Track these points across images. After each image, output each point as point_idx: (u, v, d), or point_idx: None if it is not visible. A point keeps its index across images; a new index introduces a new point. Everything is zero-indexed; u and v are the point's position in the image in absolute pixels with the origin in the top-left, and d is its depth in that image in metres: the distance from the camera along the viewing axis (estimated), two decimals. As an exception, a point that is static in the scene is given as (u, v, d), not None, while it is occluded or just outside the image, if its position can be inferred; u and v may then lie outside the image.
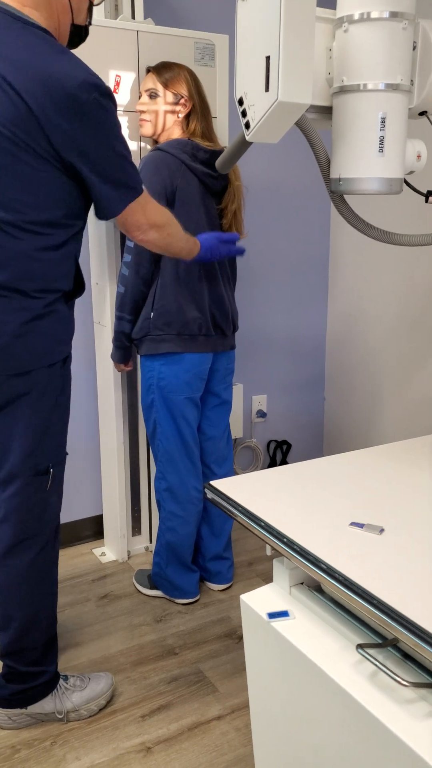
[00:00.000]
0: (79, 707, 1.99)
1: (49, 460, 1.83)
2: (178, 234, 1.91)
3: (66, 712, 1.98)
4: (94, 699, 2.02)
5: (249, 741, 1.92)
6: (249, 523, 1.30)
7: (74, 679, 2.03)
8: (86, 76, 1.54)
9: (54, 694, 1.98)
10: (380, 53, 1.30)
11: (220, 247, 2.18)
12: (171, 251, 1.96)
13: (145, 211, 1.75)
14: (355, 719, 1.07)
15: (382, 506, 1.33)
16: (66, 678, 2.03)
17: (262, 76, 1.27)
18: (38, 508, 1.84)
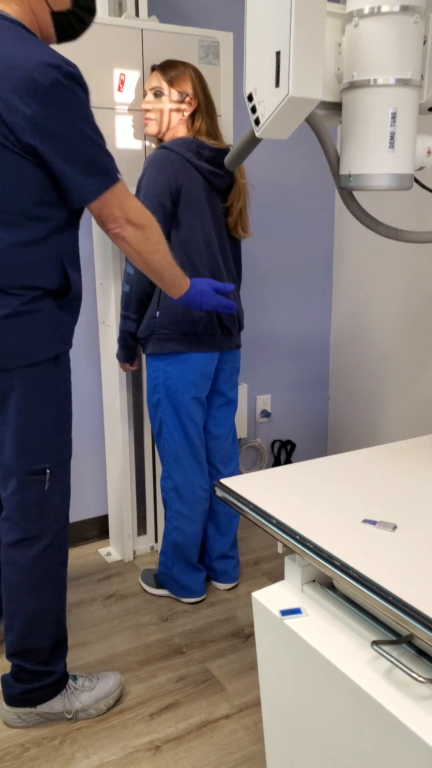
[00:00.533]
0: (87, 707, 1.99)
1: (46, 461, 1.81)
2: (160, 247, 1.78)
3: (75, 711, 1.98)
4: (103, 698, 2.02)
5: (258, 739, 1.92)
6: (261, 521, 1.29)
7: (83, 679, 2.03)
8: (48, 57, 1.48)
9: (63, 694, 1.98)
10: (391, 48, 1.29)
11: (211, 295, 2.01)
12: (150, 265, 1.79)
13: (122, 205, 1.66)
14: (370, 716, 1.07)
15: (394, 503, 1.33)
16: (75, 678, 2.02)
17: (272, 71, 1.27)
18: (38, 507, 1.83)
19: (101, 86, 2.28)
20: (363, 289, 3.27)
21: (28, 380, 1.73)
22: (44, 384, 1.76)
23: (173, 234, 2.25)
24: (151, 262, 1.78)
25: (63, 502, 1.90)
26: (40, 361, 1.73)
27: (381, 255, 3.13)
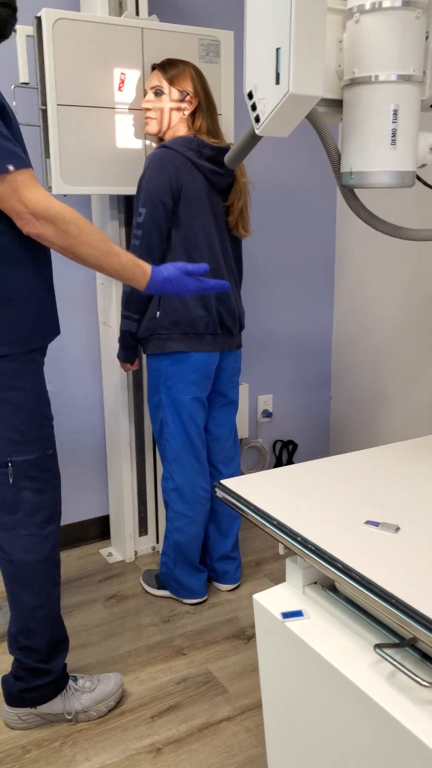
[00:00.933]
0: (88, 708, 1.98)
1: (4, 454, 1.78)
2: (85, 238, 1.64)
3: (75, 713, 1.97)
4: (103, 700, 2.01)
5: (259, 742, 1.90)
6: (261, 522, 1.28)
7: (83, 681, 2.02)
8: None
9: (63, 695, 1.97)
10: (392, 44, 1.28)
11: (186, 280, 1.78)
12: (84, 260, 1.67)
13: (21, 197, 1.56)
14: (373, 720, 1.05)
15: (396, 505, 1.31)
16: (75, 679, 2.01)
17: (272, 68, 1.25)
18: (7, 503, 1.81)
19: (101, 86, 2.26)
20: (365, 288, 3.25)
21: None
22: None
23: (174, 233, 2.24)
24: (81, 256, 1.66)
25: (35, 497, 1.83)
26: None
27: (383, 253, 3.11)
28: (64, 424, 2.86)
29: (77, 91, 2.23)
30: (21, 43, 2.22)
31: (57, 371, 2.80)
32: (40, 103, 2.22)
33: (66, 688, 1.99)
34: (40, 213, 1.58)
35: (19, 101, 2.36)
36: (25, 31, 2.21)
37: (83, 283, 2.78)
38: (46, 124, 2.23)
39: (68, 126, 2.23)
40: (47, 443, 1.85)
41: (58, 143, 2.23)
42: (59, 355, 2.80)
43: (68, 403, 2.85)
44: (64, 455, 2.89)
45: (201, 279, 1.80)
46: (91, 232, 1.64)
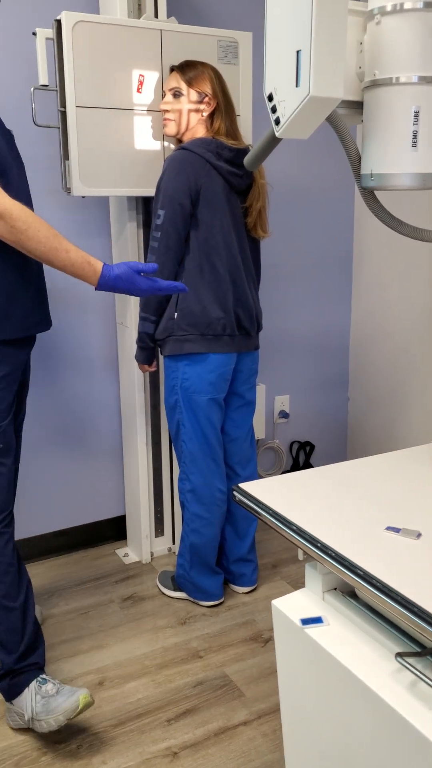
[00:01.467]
0: (39, 716, 1.87)
1: None
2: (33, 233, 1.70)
3: (31, 717, 1.89)
4: (52, 714, 1.86)
5: (277, 747, 1.89)
6: (281, 527, 1.27)
7: (47, 686, 1.92)
8: None
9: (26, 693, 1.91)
10: (414, 45, 1.27)
11: (137, 278, 1.79)
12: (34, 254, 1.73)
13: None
14: (393, 730, 1.04)
15: (418, 510, 1.30)
16: (45, 681, 1.92)
17: (293, 70, 1.24)
18: None
19: (120, 87, 2.26)
20: (383, 289, 3.23)
21: None
22: None
23: (192, 235, 2.24)
24: (29, 250, 1.72)
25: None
26: None
27: (401, 254, 3.09)
28: (81, 424, 2.87)
29: (96, 93, 2.23)
30: (41, 45, 2.22)
31: (74, 371, 2.81)
32: (59, 105, 2.23)
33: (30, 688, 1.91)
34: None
35: (38, 103, 2.37)
36: (45, 34, 2.22)
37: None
38: (65, 126, 2.23)
39: (87, 128, 2.23)
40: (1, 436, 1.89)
41: (77, 145, 2.23)
42: (77, 356, 2.80)
43: (85, 403, 2.86)
44: (80, 455, 2.89)
45: (153, 279, 1.82)
46: (39, 229, 1.72)
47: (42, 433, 2.79)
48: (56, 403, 2.80)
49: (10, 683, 1.92)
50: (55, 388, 2.79)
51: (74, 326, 2.77)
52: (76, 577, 2.75)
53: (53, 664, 2.23)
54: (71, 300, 2.74)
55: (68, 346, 2.78)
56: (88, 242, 2.72)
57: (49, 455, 2.83)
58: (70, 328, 2.76)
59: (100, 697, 2.09)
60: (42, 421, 2.78)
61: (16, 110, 2.47)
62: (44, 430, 2.80)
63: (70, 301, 2.74)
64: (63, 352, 2.77)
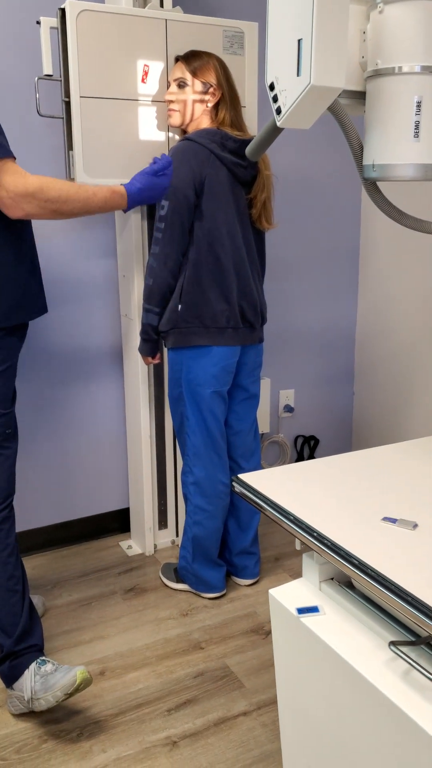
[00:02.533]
0: (37, 694, 1.89)
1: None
2: (71, 197, 1.82)
3: (30, 697, 1.90)
4: (50, 690, 1.88)
5: (276, 737, 1.90)
6: (278, 517, 1.28)
7: (46, 666, 1.93)
8: None
9: (26, 674, 1.92)
10: (416, 34, 1.26)
11: (154, 181, 2.07)
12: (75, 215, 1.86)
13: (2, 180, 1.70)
14: (387, 718, 1.04)
15: (415, 501, 1.30)
16: (44, 663, 1.94)
17: (294, 60, 1.24)
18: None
19: (125, 77, 2.26)
20: (389, 282, 3.22)
21: None
22: None
23: (196, 226, 2.24)
24: (70, 213, 1.84)
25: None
26: None
27: (408, 248, 3.08)
28: (85, 416, 2.87)
29: (100, 83, 2.23)
30: (45, 35, 2.22)
31: (78, 364, 2.81)
32: (63, 95, 2.23)
33: (29, 668, 1.93)
34: (20, 193, 1.72)
35: (42, 93, 2.37)
36: (49, 23, 2.21)
37: (105, 276, 2.78)
38: (69, 116, 2.23)
39: (91, 118, 2.23)
40: (8, 421, 1.93)
41: (81, 135, 2.23)
42: (81, 348, 2.81)
43: (89, 395, 2.86)
44: (84, 448, 2.90)
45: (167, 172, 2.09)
46: (66, 189, 1.82)
47: (46, 425, 2.80)
48: (60, 396, 2.81)
49: (11, 666, 1.94)
50: (59, 380, 2.79)
51: (79, 319, 2.77)
52: (79, 569, 2.76)
53: (55, 654, 2.24)
54: (76, 293, 2.75)
55: (72, 339, 2.78)
56: (92, 233, 2.72)
57: (53, 447, 2.84)
58: (75, 320, 2.76)
59: (101, 687, 2.10)
60: (46, 414, 2.79)
61: (20, 100, 2.47)
62: (48, 423, 2.80)
63: (75, 294, 2.74)
64: (67, 345, 2.78)
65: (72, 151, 2.26)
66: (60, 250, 2.68)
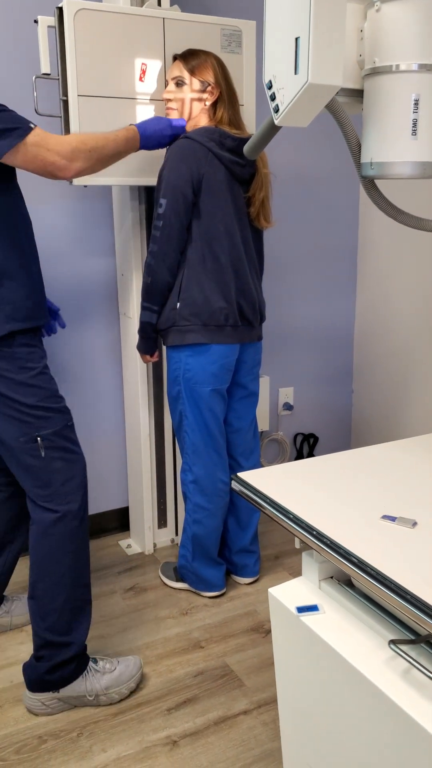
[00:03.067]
0: (109, 690, 2.01)
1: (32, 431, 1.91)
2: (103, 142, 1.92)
3: (96, 694, 1.99)
4: (125, 682, 2.04)
5: (276, 736, 1.90)
6: (277, 516, 1.27)
7: (104, 663, 2.05)
8: None
9: (84, 676, 2.00)
10: (414, 32, 1.26)
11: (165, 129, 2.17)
12: (111, 158, 1.97)
13: (47, 146, 1.78)
14: (387, 716, 1.04)
15: (414, 499, 1.30)
16: (96, 661, 2.04)
17: (292, 58, 1.24)
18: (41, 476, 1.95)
19: (123, 76, 2.26)
20: (388, 280, 3.22)
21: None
22: (4, 365, 1.83)
23: (194, 224, 2.23)
24: (109, 159, 1.97)
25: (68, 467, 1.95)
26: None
27: (406, 245, 3.08)
28: (84, 415, 2.87)
29: (98, 82, 2.22)
30: (42, 33, 2.21)
31: (77, 362, 2.81)
32: (61, 94, 2.22)
33: (87, 669, 2.01)
34: (67, 152, 1.81)
35: (40, 92, 2.36)
36: (47, 22, 2.21)
37: (103, 275, 2.78)
38: (67, 115, 2.23)
39: (89, 117, 2.23)
40: (67, 414, 1.95)
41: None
42: (80, 347, 2.80)
43: (88, 394, 2.86)
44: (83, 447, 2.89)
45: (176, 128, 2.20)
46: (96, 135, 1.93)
47: (45, 423, 2.79)
48: (59, 394, 2.80)
49: (77, 664, 1.99)
50: (58, 379, 2.78)
51: (77, 318, 2.77)
52: (79, 567, 2.76)
53: (55, 653, 2.24)
54: (74, 292, 2.74)
55: (71, 338, 2.78)
56: (91, 232, 2.72)
57: (53, 445, 2.83)
58: (74, 319, 2.76)
59: (100, 686, 2.10)
60: (45, 412, 2.79)
61: (17, 99, 2.45)
62: (47, 421, 2.80)
63: (73, 293, 2.74)
64: (66, 344, 2.77)
65: (70, 150, 2.25)
66: (58, 248, 2.68)
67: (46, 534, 1.92)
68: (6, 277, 1.83)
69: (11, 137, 1.72)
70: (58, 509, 1.92)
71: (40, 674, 1.96)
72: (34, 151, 1.76)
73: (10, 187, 1.85)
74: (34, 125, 1.76)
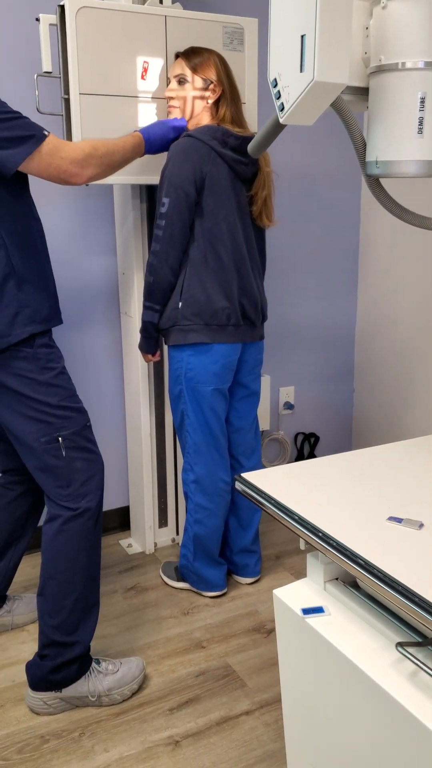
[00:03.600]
0: (111, 691, 2.00)
1: (54, 431, 1.93)
2: (113, 149, 1.93)
3: (99, 695, 1.99)
4: (127, 683, 2.04)
5: (278, 737, 1.89)
6: (283, 517, 1.27)
7: (106, 663, 2.05)
8: None
9: (87, 677, 2.00)
10: (420, 30, 1.25)
11: (168, 133, 2.19)
12: (122, 165, 2.00)
13: (61, 154, 1.78)
14: (394, 719, 1.04)
15: (420, 500, 1.29)
16: (98, 662, 2.04)
17: (297, 55, 1.23)
18: (63, 476, 1.96)
19: (124, 74, 2.25)
20: (390, 279, 3.21)
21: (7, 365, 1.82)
22: (27, 366, 1.84)
23: (197, 223, 2.22)
24: (118, 165, 1.98)
25: (88, 466, 1.96)
26: (12, 345, 1.81)
27: (408, 244, 3.07)
28: (85, 414, 2.86)
29: (100, 80, 2.21)
30: (44, 31, 2.20)
31: (79, 362, 2.80)
32: (62, 92, 2.21)
33: (90, 670, 2.01)
34: (80, 159, 1.82)
35: (41, 90, 2.36)
36: (48, 20, 2.20)
37: (105, 274, 2.77)
38: (68, 114, 2.22)
39: (91, 115, 2.22)
40: (86, 415, 1.97)
41: (80, 132, 2.21)
42: (81, 346, 2.79)
43: (89, 393, 2.85)
44: (85, 446, 2.89)
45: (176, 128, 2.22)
46: (105, 141, 1.93)
47: (46, 422, 2.79)
48: (60, 393, 2.80)
49: (81, 664, 1.98)
50: (59, 377, 2.78)
51: (79, 317, 2.76)
52: (80, 567, 2.75)
53: (56, 653, 2.23)
54: (76, 291, 2.73)
55: (72, 337, 2.77)
56: (92, 231, 2.71)
57: (53, 445, 2.82)
58: (75, 318, 2.75)
59: (102, 686, 2.10)
60: (46, 411, 2.78)
61: (19, 97, 2.44)
62: (48, 420, 2.79)
63: (75, 292, 2.73)
64: (67, 343, 2.76)
65: (71, 148, 2.24)
66: (60, 247, 2.67)
67: (62, 531, 1.92)
68: (25, 282, 1.83)
69: (26, 145, 1.72)
70: (77, 507, 1.92)
71: (44, 673, 1.95)
72: (48, 159, 1.76)
73: (25, 194, 1.86)
74: (47, 132, 1.76)
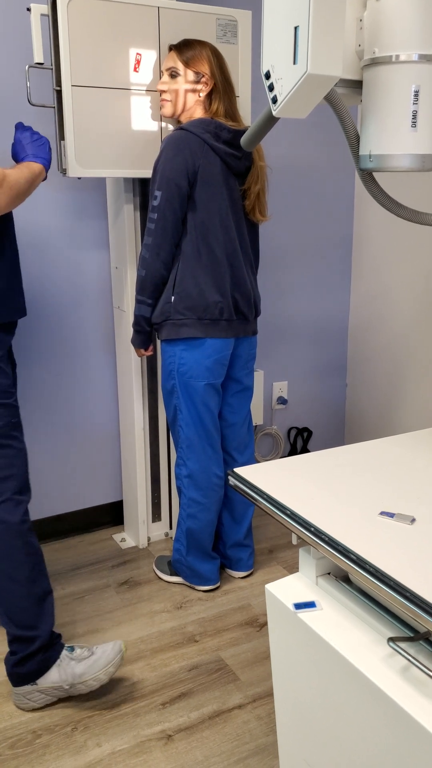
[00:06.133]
0: (84, 677, 1.95)
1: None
2: (19, 179, 1.81)
3: (71, 683, 1.95)
4: (101, 668, 1.97)
5: (271, 730, 1.90)
6: (275, 512, 1.26)
7: (81, 650, 2.01)
8: None
9: (57, 665, 1.96)
10: (414, 22, 1.24)
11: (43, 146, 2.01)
12: (29, 192, 1.87)
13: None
14: (385, 714, 1.04)
15: (412, 495, 1.29)
16: (72, 649, 2.00)
17: (290, 47, 1.22)
18: None
19: (117, 66, 2.23)
20: (383, 274, 3.21)
21: None
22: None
23: (189, 216, 2.22)
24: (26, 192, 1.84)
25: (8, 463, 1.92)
26: None
27: (401, 238, 3.07)
28: (78, 409, 2.86)
29: (92, 72, 2.20)
30: (35, 22, 2.18)
31: (71, 357, 2.79)
32: (54, 84, 2.20)
33: (60, 658, 1.97)
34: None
35: (33, 82, 2.34)
36: (40, 10, 2.18)
37: (97, 268, 2.76)
38: (60, 106, 2.20)
39: (83, 107, 2.21)
40: (13, 411, 1.92)
41: (72, 125, 2.20)
42: (74, 341, 2.78)
43: (82, 388, 2.84)
44: (77, 440, 2.88)
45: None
46: (11, 170, 1.81)
47: (39, 418, 2.78)
48: (53, 388, 2.79)
49: (43, 658, 1.95)
50: (52, 373, 2.77)
51: (71, 311, 2.75)
52: (73, 562, 2.75)
53: (48, 648, 2.23)
54: (68, 285, 2.72)
55: (65, 332, 2.76)
56: (85, 224, 2.69)
57: (47, 440, 2.82)
58: (67, 313, 2.74)
59: (95, 681, 2.10)
60: (39, 407, 2.77)
61: (10, 89, 2.44)
62: (41, 416, 2.78)
63: (67, 287, 2.72)
64: (60, 338, 2.75)
65: (64, 141, 2.23)
66: (52, 242, 2.65)
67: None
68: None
69: None
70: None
71: (11, 668, 1.95)
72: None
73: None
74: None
